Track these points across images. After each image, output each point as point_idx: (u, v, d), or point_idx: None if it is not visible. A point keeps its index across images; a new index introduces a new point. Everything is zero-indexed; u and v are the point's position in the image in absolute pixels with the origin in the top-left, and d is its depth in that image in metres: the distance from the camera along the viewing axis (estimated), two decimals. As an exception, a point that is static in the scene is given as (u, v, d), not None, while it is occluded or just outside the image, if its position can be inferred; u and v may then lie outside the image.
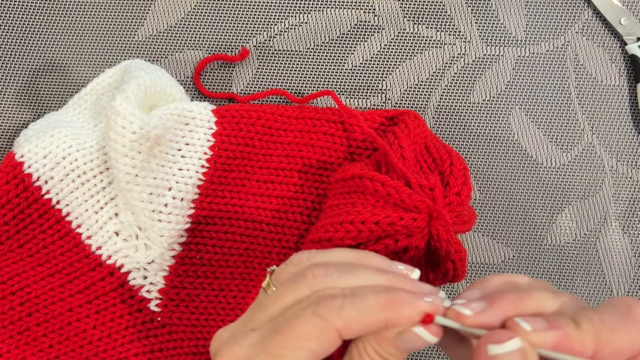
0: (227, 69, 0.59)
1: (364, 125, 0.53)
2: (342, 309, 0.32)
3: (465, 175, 0.48)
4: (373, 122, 0.54)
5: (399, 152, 0.49)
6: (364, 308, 0.32)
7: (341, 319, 0.31)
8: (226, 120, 0.54)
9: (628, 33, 0.58)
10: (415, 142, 0.50)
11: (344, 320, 0.32)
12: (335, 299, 0.32)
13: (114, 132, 0.50)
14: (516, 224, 0.58)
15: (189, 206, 0.53)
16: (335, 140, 0.54)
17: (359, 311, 0.32)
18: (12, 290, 0.53)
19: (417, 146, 0.51)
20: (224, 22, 0.60)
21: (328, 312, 0.31)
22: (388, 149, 0.48)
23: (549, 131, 0.58)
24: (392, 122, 0.54)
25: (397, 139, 0.50)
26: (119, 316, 0.54)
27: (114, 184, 0.53)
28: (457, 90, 0.59)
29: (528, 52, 0.59)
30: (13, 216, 0.53)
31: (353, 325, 0.32)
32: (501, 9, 0.59)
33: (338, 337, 0.32)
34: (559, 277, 0.57)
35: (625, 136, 0.58)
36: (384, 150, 0.49)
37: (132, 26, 0.60)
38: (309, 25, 0.59)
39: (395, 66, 0.59)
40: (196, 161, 0.53)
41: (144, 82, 0.51)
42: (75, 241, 0.54)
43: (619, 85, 0.58)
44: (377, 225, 0.44)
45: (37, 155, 0.52)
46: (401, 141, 0.49)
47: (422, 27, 0.59)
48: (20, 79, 0.59)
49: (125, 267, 0.54)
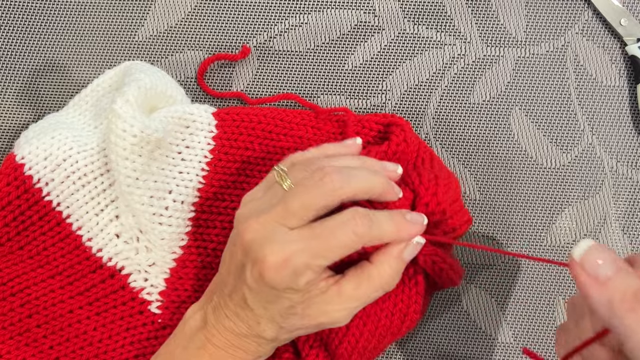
0: (227, 69, 0.59)
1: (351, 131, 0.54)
2: (371, 230, 0.43)
3: (436, 185, 0.48)
4: (370, 129, 0.54)
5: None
6: (383, 231, 0.44)
7: (369, 237, 0.44)
8: (227, 123, 0.54)
9: (628, 34, 0.58)
10: (400, 158, 0.52)
11: (370, 238, 0.44)
12: (365, 220, 0.43)
13: (115, 136, 0.50)
14: (516, 225, 0.58)
15: (189, 209, 0.53)
16: None
17: (380, 232, 0.44)
18: (13, 291, 0.53)
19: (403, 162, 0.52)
20: (224, 23, 0.59)
21: (361, 232, 0.43)
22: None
23: (549, 132, 0.58)
24: (387, 130, 0.54)
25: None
26: (119, 318, 0.54)
27: (114, 186, 0.53)
28: (457, 90, 0.59)
29: (528, 53, 0.59)
30: (13, 218, 0.53)
31: (374, 241, 0.44)
32: (501, 9, 0.59)
33: (361, 246, 0.44)
34: (558, 278, 0.57)
35: (625, 137, 0.58)
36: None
37: (132, 26, 0.59)
38: (309, 26, 0.59)
39: (396, 67, 0.59)
40: (196, 164, 0.53)
41: (145, 84, 0.51)
42: (76, 243, 0.53)
43: (619, 86, 0.58)
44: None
45: (38, 157, 0.52)
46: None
47: (422, 28, 0.59)
48: (20, 79, 0.59)
49: (126, 269, 0.54)
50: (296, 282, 0.43)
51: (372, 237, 0.44)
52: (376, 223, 0.44)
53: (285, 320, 0.45)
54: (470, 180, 0.58)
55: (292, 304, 0.44)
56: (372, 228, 0.43)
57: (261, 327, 0.45)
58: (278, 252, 0.42)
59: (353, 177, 0.44)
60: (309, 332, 0.47)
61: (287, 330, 0.46)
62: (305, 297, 0.44)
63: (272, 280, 0.43)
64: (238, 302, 0.45)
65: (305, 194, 0.43)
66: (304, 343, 0.50)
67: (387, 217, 0.45)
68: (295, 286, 0.43)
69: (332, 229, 0.43)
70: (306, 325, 0.46)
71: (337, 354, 0.49)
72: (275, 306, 0.44)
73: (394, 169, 0.48)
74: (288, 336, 0.47)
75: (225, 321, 0.46)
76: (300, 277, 0.43)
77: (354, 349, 0.49)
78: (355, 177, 0.44)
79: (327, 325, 0.46)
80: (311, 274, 0.43)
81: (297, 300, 0.44)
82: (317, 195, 0.43)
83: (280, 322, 0.45)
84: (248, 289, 0.44)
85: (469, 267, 0.58)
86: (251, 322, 0.45)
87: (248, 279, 0.44)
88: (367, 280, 0.45)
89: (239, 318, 0.46)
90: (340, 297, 0.44)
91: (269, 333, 0.46)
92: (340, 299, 0.45)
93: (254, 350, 0.47)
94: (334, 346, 0.49)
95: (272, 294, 0.44)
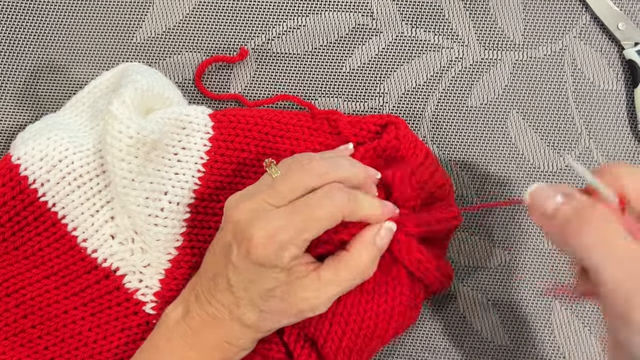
0: (225, 71, 0.59)
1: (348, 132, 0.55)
2: (349, 202, 0.46)
3: (407, 181, 0.50)
4: (368, 131, 0.54)
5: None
6: (360, 204, 0.47)
7: (347, 209, 0.46)
8: (223, 125, 0.54)
9: (626, 38, 0.58)
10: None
11: (350, 210, 0.46)
12: (343, 192, 0.46)
13: (111, 137, 0.50)
14: (513, 228, 0.58)
15: (185, 210, 0.53)
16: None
17: (357, 204, 0.46)
18: (8, 292, 0.53)
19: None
20: (222, 25, 0.59)
21: (340, 203, 0.45)
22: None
23: (546, 135, 0.58)
24: (384, 130, 0.54)
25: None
26: (114, 319, 0.54)
27: (110, 187, 0.53)
28: (454, 93, 0.59)
29: (526, 56, 0.59)
30: (9, 218, 0.53)
31: (353, 215, 0.46)
32: (499, 13, 0.59)
33: (341, 219, 0.46)
34: (555, 282, 0.57)
35: (622, 141, 0.58)
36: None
37: (130, 28, 0.59)
38: (307, 28, 0.59)
39: (393, 69, 0.59)
40: (192, 165, 0.53)
41: (141, 86, 0.51)
42: (71, 244, 0.53)
43: (616, 90, 0.58)
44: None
45: (34, 157, 0.52)
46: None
47: (420, 31, 0.59)
48: (18, 79, 0.59)
49: (121, 270, 0.54)
50: (281, 257, 0.44)
51: (350, 209, 0.46)
52: (353, 195, 0.46)
53: (265, 303, 0.46)
54: (467, 183, 0.58)
55: (273, 286, 0.45)
56: (350, 200, 0.46)
57: (241, 310, 0.46)
58: (264, 228, 0.44)
59: (339, 164, 0.47)
60: (291, 320, 0.48)
61: (268, 315, 0.47)
62: (287, 279, 0.46)
63: (259, 256, 0.44)
64: (221, 284, 0.47)
65: (292, 177, 0.46)
66: (295, 343, 0.50)
67: (363, 193, 0.48)
68: (280, 263, 0.45)
69: (313, 202, 0.45)
70: (286, 312, 0.47)
71: (323, 354, 0.49)
72: (257, 287, 0.46)
73: (374, 173, 0.50)
74: (269, 325, 0.48)
75: (207, 307, 0.47)
76: (285, 252, 0.44)
77: (339, 348, 0.49)
78: (341, 165, 0.48)
79: (307, 313, 0.47)
80: (295, 249, 0.45)
81: (279, 280, 0.45)
82: (304, 177, 0.46)
83: (261, 304, 0.46)
84: (233, 268, 0.46)
85: (465, 269, 0.58)
86: (232, 306, 0.47)
87: (234, 258, 0.46)
88: (345, 267, 0.47)
89: (220, 302, 0.47)
90: (320, 282, 0.46)
91: (249, 316, 0.46)
92: (319, 284, 0.46)
93: (235, 339, 0.48)
94: (319, 345, 0.50)
95: (255, 272, 0.45)
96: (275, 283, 0.46)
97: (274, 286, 0.46)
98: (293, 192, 0.46)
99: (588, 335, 0.57)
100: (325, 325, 0.49)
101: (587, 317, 0.57)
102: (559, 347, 0.57)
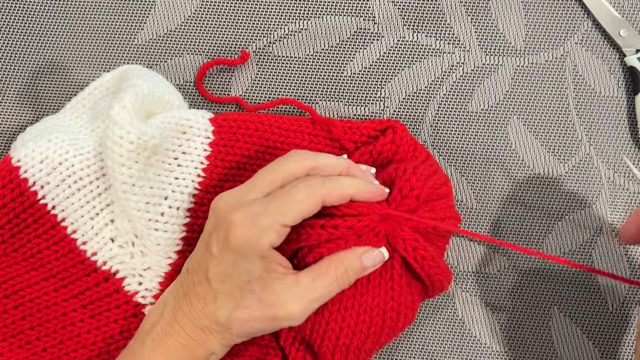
0: (226, 74, 0.59)
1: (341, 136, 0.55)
2: (324, 184, 0.46)
3: (412, 173, 0.50)
4: (368, 136, 0.54)
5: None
6: (338, 185, 0.47)
7: (325, 189, 0.46)
8: (223, 130, 0.54)
9: (627, 45, 0.58)
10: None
11: (328, 191, 0.46)
12: (320, 178, 0.46)
13: (112, 142, 0.50)
14: (512, 234, 0.58)
15: (185, 215, 0.53)
16: None
17: (336, 185, 0.46)
18: (6, 293, 0.53)
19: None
20: (224, 27, 0.59)
21: (315, 184, 0.46)
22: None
23: (547, 141, 0.58)
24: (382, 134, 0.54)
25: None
26: (113, 321, 0.54)
27: (110, 191, 0.53)
28: (455, 99, 0.59)
29: (527, 62, 0.59)
30: (8, 220, 0.53)
31: (332, 194, 0.46)
32: (500, 18, 0.59)
33: (321, 202, 0.46)
34: (554, 287, 0.57)
35: (622, 148, 0.58)
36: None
37: (132, 30, 0.59)
38: (308, 32, 0.59)
39: (394, 74, 0.59)
40: (192, 170, 0.53)
41: (142, 90, 0.51)
42: (70, 247, 0.53)
43: (617, 97, 0.58)
44: (322, 229, 0.48)
45: (34, 160, 0.52)
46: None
47: (422, 36, 0.59)
48: (20, 80, 0.59)
49: (121, 273, 0.54)
50: (260, 243, 0.44)
51: (329, 189, 0.46)
52: (331, 178, 0.47)
53: (242, 298, 0.45)
54: (467, 189, 0.58)
55: (250, 278, 0.45)
56: (326, 182, 0.46)
57: (217, 304, 0.46)
58: (244, 213, 0.45)
59: (320, 155, 0.49)
60: (262, 326, 0.47)
61: (241, 314, 0.46)
62: (264, 272, 0.46)
63: (237, 241, 0.45)
64: (198, 277, 0.47)
65: (271, 167, 0.48)
66: (290, 346, 0.50)
67: (347, 177, 0.48)
68: (259, 248, 0.45)
69: (291, 189, 0.46)
70: (261, 315, 0.46)
71: (320, 354, 0.49)
72: (234, 279, 0.45)
73: (366, 168, 0.51)
74: (239, 327, 0.46)
75: (183, 304, 0.47)
76: (263, 238, 0.44)
77: (336, 346, 0.49)
78: (323, 156, 0.49)
79: (282, 321, 0.46)
80: (274, 235, 0.45)
81: (256, 272, 0.45)
82: (285, 164, 0.47)
83: (238, 298, 0.46)
84: (211, 258, 0.46)
85: (464, 274, 0.58)
86: (208, 298, 0.46)
87: (213, 248, 0.46)
88: (324, 274, 0.47)
89: (197, 296, 0.47)
90: (298, 287, 0.46)
91: (223, 312, 0.46)
92: (297, 290, 0.46)
93: (204, 341, 0.47)
94: (316, 346, 0.50)
95: (233, 263, 0.45)
96: (252, 274, 0.45)
97: (251, 278, 0.45)
98: (273, 184, 0.47)
99: (586, 342, 0.57)
100: (322, 324, 0.49)
101: (586, 323, 0.57)
102: (557, 352, 0.57)
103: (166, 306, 0.48)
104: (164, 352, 0.47)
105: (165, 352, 0.47)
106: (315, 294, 0.47)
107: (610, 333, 0.57)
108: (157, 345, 0.47)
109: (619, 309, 0.57)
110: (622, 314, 0.57)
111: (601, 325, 0.57)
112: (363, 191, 0.48)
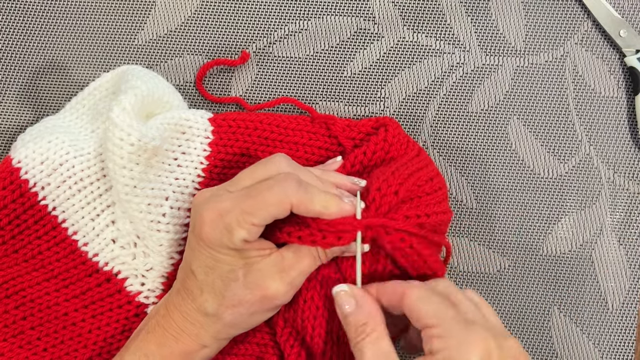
0: (226, 74, 0.59)
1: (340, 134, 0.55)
2: (298, 190, 0.45)
3: (390, 172, 0.50)
4: (366, 134, 0.54)
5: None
6: (312, 193, 0.46)
7: (296, 197, 0.45)
8: (223, 129, 0.54)
9: (627, 45, 0.58)
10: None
11: (299, 198, 0.45)
12: (295, 181, 0.45)
13: (112, 144, 0.50)
14: (512, 234, 0.58)
15: (186, 215, 0.53)
16: (330, 155, 0.55)
17: (307, 195, 0.45)
18: (7, 293, 0.53)
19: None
20: (224, 28, 0.59)
21: (289, 190, 0.45)
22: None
23: (547, 141, 0.58)
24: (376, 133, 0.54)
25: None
26: (115, 320, 0.54)
27: (111, 192, 0.53)
28: (455, 99, 0.59)
29: (527, 63, 0.59)
30: (8, 221, 0.53)
31: (300, 207, 0.45)
32: (501, 19, 0.59)
33: (290, 208, 0.45)
34: (554, 287, 0.57)
35: (622, 148, 0.58)
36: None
37: (132, 30, 0.59)
38: (308, 32, 0.59)
39: (394, 74, 0.59)
40: (192, 170, 0.53)
41: (142, 91, 0.51)
42: (72, 248, 0.53)
43: (617, 97, 0.59)
44: (289, 236, 0.48)
45: (34, 161, 0.52)
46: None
47: (422, 36, 0.59)
48: (21, 80, 0.59)
49: (123, 273, 0.54)
50: (230, 239, 0.45)
51: (299, 199, 0.45)
52: (305, 185, 0.46)
53: (227, 288, 0.46)
54: (467, 189, 0.58)
55: (232, 268, 0.46)
56: (300, 189, 0.45)
57: (204, 297, 0.47)
58: (213, 208, 0.45)
59: (303, 169, 0.49)
60: (256, 310, 0.47)
61: (229, 302, 0.46)
62: (243, 261, 0.46)
63: (207, 236, 0.45)
64: (186, 271, 0.48)
65: (254, 166, 0.48)
66: (285, 343, 0.51)
67: (320, 188, 0.47)
68: (231, 244, 0.45)
69: (263, 187, 0.45)
70: (250, 300, 0.46)
71: (313, 345, 0.49)
72: (215, 272, 0.46)
73: (358, 182, 0.51)
74: (230, 316, 0.47)
75: (175, 298, 0.48)
76: (233, 234, 0.45)
77: (329, 335, 0.49)
78: (305, 170, 0.49)
79: (272, 299, 0.47)
80: (245, 233, 0.45)
81: (234, 263, 0.46)
82: (261, 164, 0.48)
83: (223, 289, 0.46)
84: (192, 252, 0.47)
85: (463, 275, 0.58)
86: (195, 292, 0.47)
87: (192, 242, 0.47)
88: (306, 248, 0.48)
89: (186, 290, 0.48)
90: (283, 262, 0.47)
91: (210, 304, 0.46)
92: (282, 264, 0.47)
93: (195, 334, 0.47)
94: (309, 337, 0.50)
95: (210, 256, 0.46)
96: (233, 264, 0.46)
97: (230, 269, 0.46)
98: (252, 180, 0.47)
99: (586, 342, 0.57)
100: (312, 310, 0.50)
101: (586, 323, 0.57)
102: (557, 353, 0.57)
103: (163, 301, 0.50)
104: (157, 343, 0.48)
105: (157, 343, 0.48)
106: (298, 267, 0.47)
107: (610, 333, 0.57)
108: (151, 337, 0.48)
109: (619, 309, 0.57)
110: (622, 314, 0.57)
111: (601, 325, 0.57)
112: (333, 213, 0.46)
